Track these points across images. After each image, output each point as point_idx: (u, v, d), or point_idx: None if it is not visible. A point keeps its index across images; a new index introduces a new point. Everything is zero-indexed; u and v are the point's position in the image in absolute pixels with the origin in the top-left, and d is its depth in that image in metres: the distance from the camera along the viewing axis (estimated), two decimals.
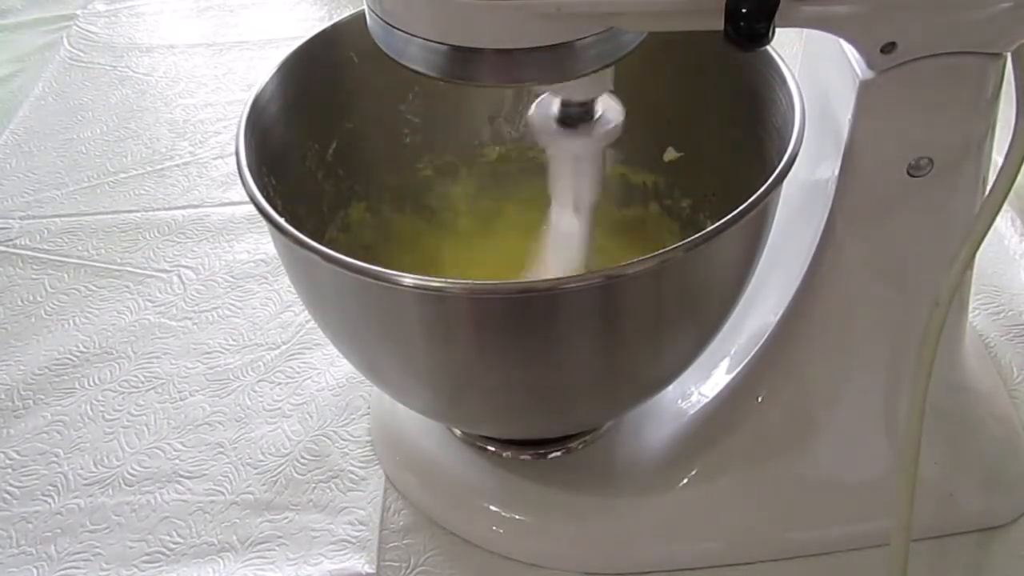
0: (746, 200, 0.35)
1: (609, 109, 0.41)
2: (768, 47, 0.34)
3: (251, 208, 0.38)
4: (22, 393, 0.58)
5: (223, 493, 0.51)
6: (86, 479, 0.53)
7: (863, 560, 0.46)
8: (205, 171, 0.75)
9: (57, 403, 0.57)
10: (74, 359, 0.60)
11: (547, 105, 0.42)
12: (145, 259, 0.67)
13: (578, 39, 0.33)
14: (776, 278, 0.45)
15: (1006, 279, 0.60)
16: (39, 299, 0.65)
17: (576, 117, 0.41)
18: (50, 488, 0.52)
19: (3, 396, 0.58)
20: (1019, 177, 0.38)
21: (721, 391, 0.48)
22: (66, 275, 0.66)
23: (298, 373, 0.58)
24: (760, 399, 0.47)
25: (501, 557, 0.47)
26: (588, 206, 0.43)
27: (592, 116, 0.41)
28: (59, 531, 0.50)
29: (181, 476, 0.52)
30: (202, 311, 0.63)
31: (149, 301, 0.64)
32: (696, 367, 0.43)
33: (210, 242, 0.68)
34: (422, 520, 0.49)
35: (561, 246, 0.44)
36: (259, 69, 0.86)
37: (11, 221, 0.71)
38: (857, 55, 0.37)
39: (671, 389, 0.47)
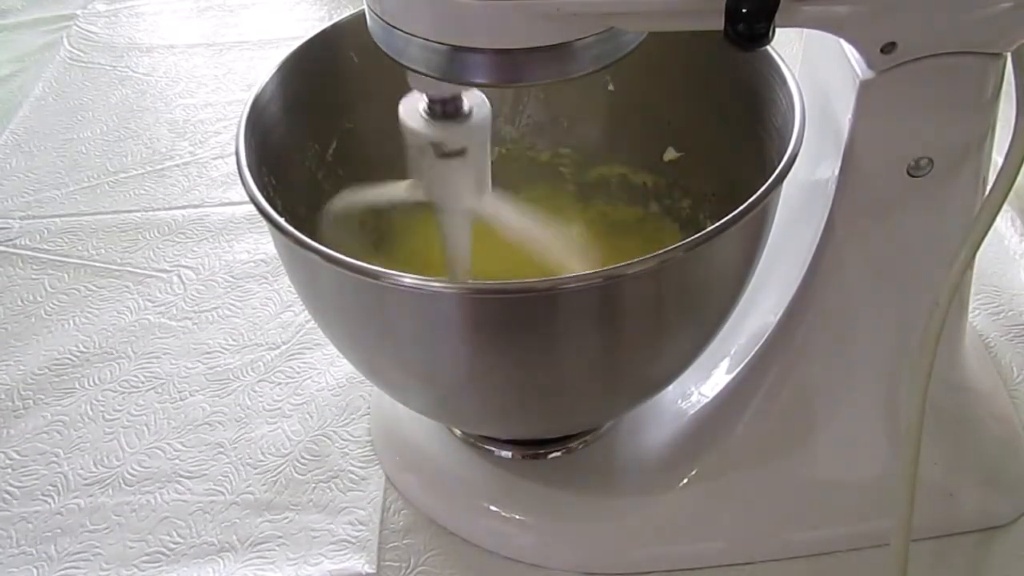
0: (746, 200, 0.35)
1: (477, 104, 0.40)
2: (768, 47, 0.34)
3: (251, 208, 0.38)
4: (22, 393, 0.58)
5: (223, 493, 0.51)
6: (86, 479, 0.53)
7: (863, 560, 0.46)
8: (205, 171, 0.75)
9: (57, 403, 0.57)
10: (74, 359, 0.60)
11: (414, 102, 0.40)
12: (145, 259, 0.67)
13: (578, 39, 0.33)
14: (776, 278, 0.45)
15: (1006, 279, 0.60)
16: (39, 299, 0.65)
17: (449, 112, 0.40)
18: (50, 488, 0.52)
19: (3, 396, 0.58)
20: (1019, 177, 0.38)
21: (721, 391, 0.48)
22: (66, 275, 0.66)
23: (298, 373, 0.58)
24: (760, 399, 0.47)
25: (501, 557, 0.48)
26: (470, 206, 0.42)
27: (462, 108, 0.40)
28: (59, 531, 0.50)
29: (181, 476, 0.52)
30: (202, 311, 0.63)
31: (149, 301, 0.64)
32: (696, 367, 0.43)
33: (210, 242, 0.68)
34: (422, 520, 0.49)
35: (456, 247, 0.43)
36: (259, 69, 0.86)
37: (11, 221, 0.71)
38: (857, 55, 0.37)
39: (671, 389, 0.47)
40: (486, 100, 0.40)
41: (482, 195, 0.42)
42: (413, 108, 0.40)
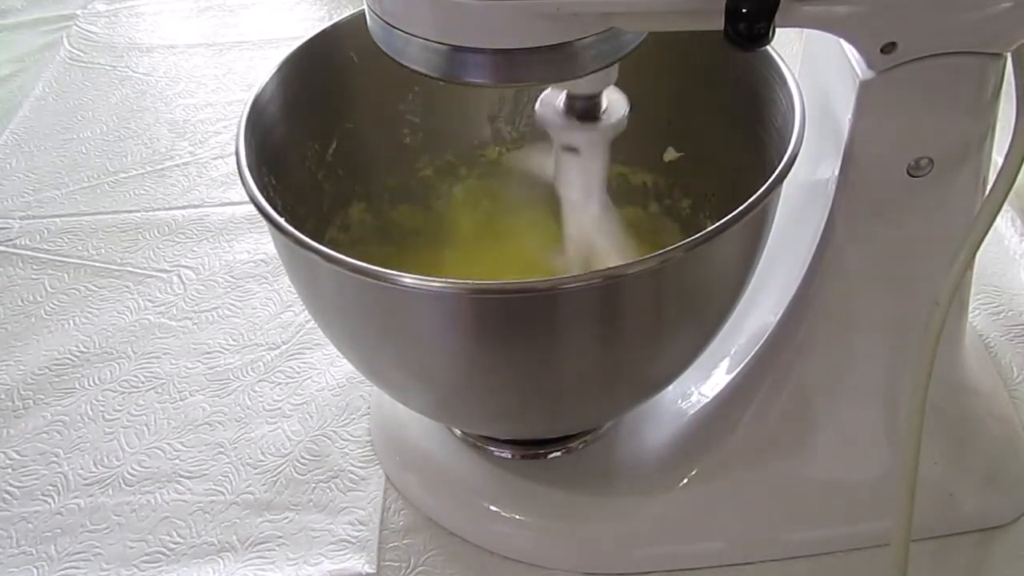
0: (746, 200, 0.35)
1: (614, 101, 0.41)
2: (768, 47, 0.34)
3: (251, 208, 0.38)
4: (22, 393, 0.58)
5: (223, 493, 0.51)
6: (86, 479, 0.53)
7: (863, 560, 0.46)
8: (205, 171, 0.75)
9: (57, 403, 0.57)
10: (74, 359, 0.60)
11: (552, 99, 0.41)
12: (145, 259, 0.67)
13: (578, 39, 0.33)
14: (776, 278, 0.45)
15: (1006, 279, 0.60)
16: (39, 299, 0.65)
17: (583, 110, 0.41)
18: (50, 488, 0.52)
19: (3, 396, 0.58)
20: (1019, 177, 0.38)
21: (721, 391, 0.48)
22: (66, 275, 0.66)
23: (298, 373, 0.58)
24: (760, 399, 0.47)
25: (501, 557, 0.48)
26: (599, 200, 0.43)
27: (599, 109, 0.41)
28: (59, 531, 0.50)
29: (181, 476, 0.52)
30: (202, 311, 0.63)
31: (149, 301, 0.64)
32: (696, 367, 0.43)
33: (210, 242, 0.68)
34: (422, 520, 0.49)
35: (581, 241, 0.44)
36: (259, 69, 0.86)
37: (11, 221, 0.71)
38: (857, 55, 0.37)
39: (671, 389, 0.47)
40: (625, 105, 0.41)
41: (591, 197, 0.43)
42: (553, 98, 0.41)
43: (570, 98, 0.41)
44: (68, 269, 0.67)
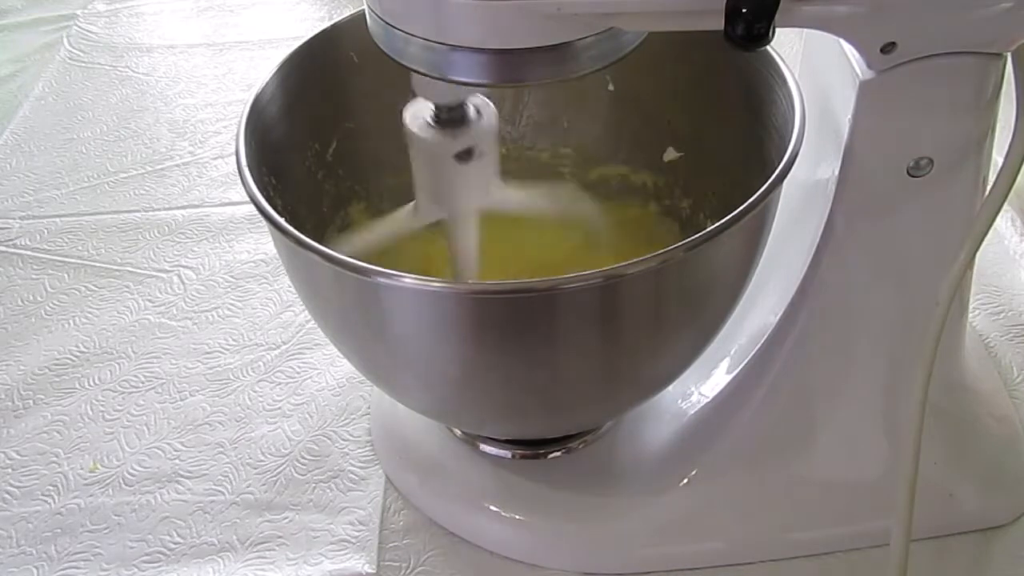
0: (746, 200, 0.35)
1: (483, 107, 0.40)
2: (768, 47, 0.34)
3: (251, 208, 0.38)
4: (22, 393, 0.58)
5: (223, 493, 0.51)
6: (86, 479, 0.53)
7: (863, 560, 0.46)
8: (205, 171, 0.75)
9: (57, 403, 0.57)
10: (74, 359, 0.60)
11: (419, 110, 0.40)
12: (145, 259, 0.67)
13: (578, 39, 0.33)
14: (776, 278, 0.45)
15: (1006, 279, 0.60)
16: (39, 299, 0.65)
17: (450, 119, 0.40)
18: (50, 488, 0.52)
19: (3, 396, 0.58)
20: (1019, 177, 0.38)
21: (721, 391, 0.48)
22: (66, 275, 0.66)
23: (298, 373, 0.58)
24: (760, 399, 0.47)
25: (501, 557, 0.48)
26: (484, 203, 0.42)
27: (467, 116, 0.40)
28: (59, 531, 0.50)
29: (181, 476, 0.52)
30: (202, 311, 0.63)
31: (149, 301, 0.64)
32: (696, 367, 0.43)
33: (210, 242, 0.68)
34: (422, 520, 0.49)
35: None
36: (259, 69, 0.87)
37: (11, 221, 0.71)
38: (857, 55, 0.37)
39: (671, 389, 0.47)
40: (488, 101, 0.40)
41: (492, 190, 0.42)
42: (419, 117, 0.40)
43: (438, 108, 0.40)
44: (68, 269, 0.67)
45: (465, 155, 0.40)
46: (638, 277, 0.34)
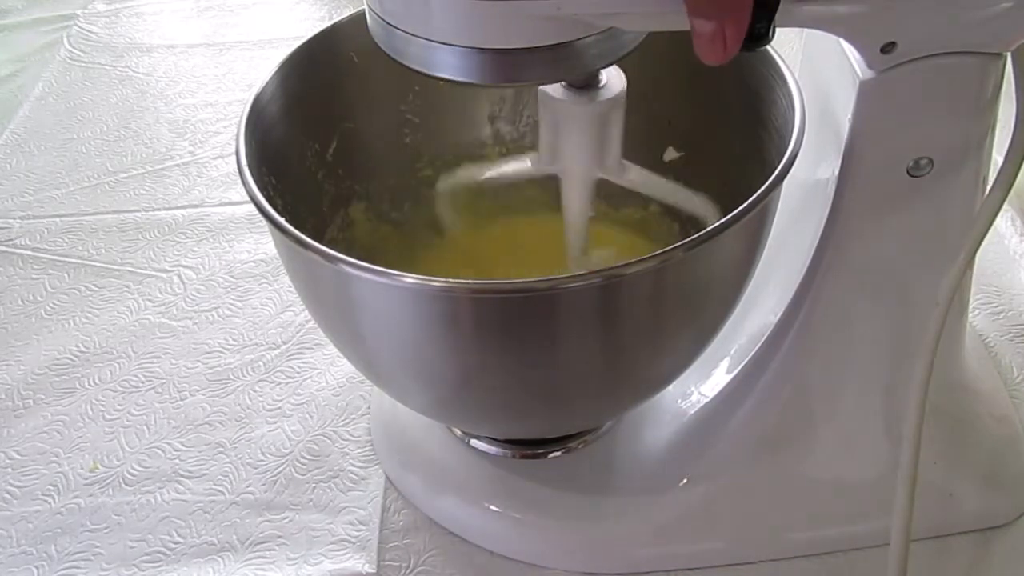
0: (746, 200, 0.35)
1: (612, 77, 0.41)
2: (768, 47, 0.34)
3: (251, 208, 0.38)
4: (22, 393, 0.58)
5: (223, 493, 0.51)
6: (86, 479, 0.53)
7: (863, 560, 0.46)
8: (205, 171, 0.75)
9: (57, 403, 0.57)
10: (74, 359, 0.60)
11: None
12: (145, 259, 0.67)
13: (578, 39, 0.33)
14: (776, 278, 0.45)
15: (1006, 279, 0.60)
16: (39, 299, 0.65)
17: (580, 84, 0.40)
18: (50, 488, 0.52)
19: (3, 396, 0.58)
20: (1019, 177, 0.38)
21: (721, 391, 0.48)
22: (66, 275, 0.66)
23: (298, 373, 0.58)
24: (760, 399, 0.47)
25: (501, 557, 0.48)
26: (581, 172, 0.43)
27: (598, 83, 0.41)
28: (59, 531, 0.50)
29: (181, 476, 0.52)
30: (202, 311, 0.63)
31: (149, 301, 0.64)
32: (696, 367, 0.43)
33: (210, 242, 0.68)
34: (422, 520, 0.49)
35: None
36: (259, 69, 0.87)
37: (11, 221, 0.71)
38: (857, 55, 0.37)
39: (671, 389, 0.47)
40: (620, 72, 0.41)
41: (608, 160, 0.43)
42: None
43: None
44: (68, 269, 0.67)
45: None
46: (638, 277, 0.34)
